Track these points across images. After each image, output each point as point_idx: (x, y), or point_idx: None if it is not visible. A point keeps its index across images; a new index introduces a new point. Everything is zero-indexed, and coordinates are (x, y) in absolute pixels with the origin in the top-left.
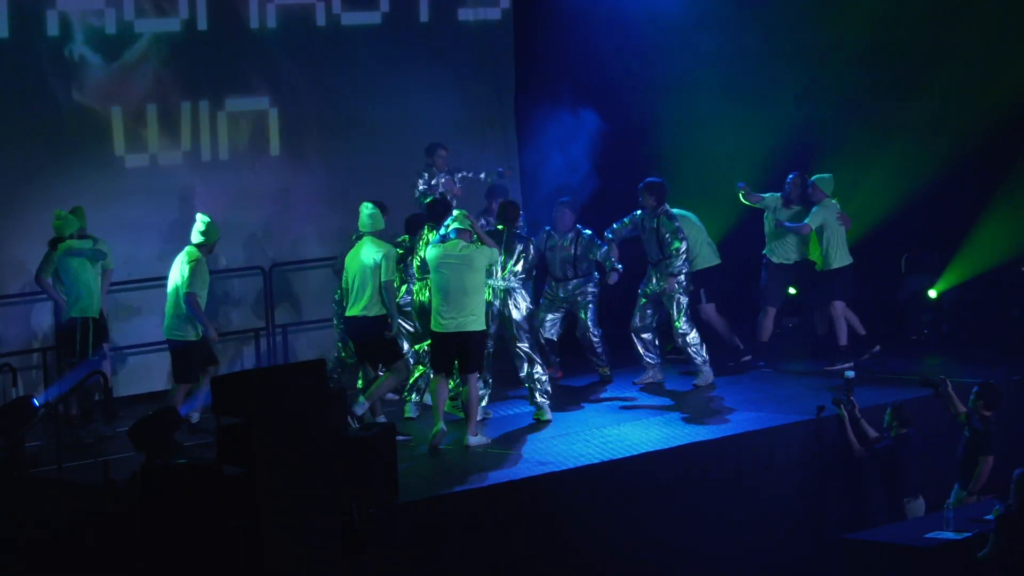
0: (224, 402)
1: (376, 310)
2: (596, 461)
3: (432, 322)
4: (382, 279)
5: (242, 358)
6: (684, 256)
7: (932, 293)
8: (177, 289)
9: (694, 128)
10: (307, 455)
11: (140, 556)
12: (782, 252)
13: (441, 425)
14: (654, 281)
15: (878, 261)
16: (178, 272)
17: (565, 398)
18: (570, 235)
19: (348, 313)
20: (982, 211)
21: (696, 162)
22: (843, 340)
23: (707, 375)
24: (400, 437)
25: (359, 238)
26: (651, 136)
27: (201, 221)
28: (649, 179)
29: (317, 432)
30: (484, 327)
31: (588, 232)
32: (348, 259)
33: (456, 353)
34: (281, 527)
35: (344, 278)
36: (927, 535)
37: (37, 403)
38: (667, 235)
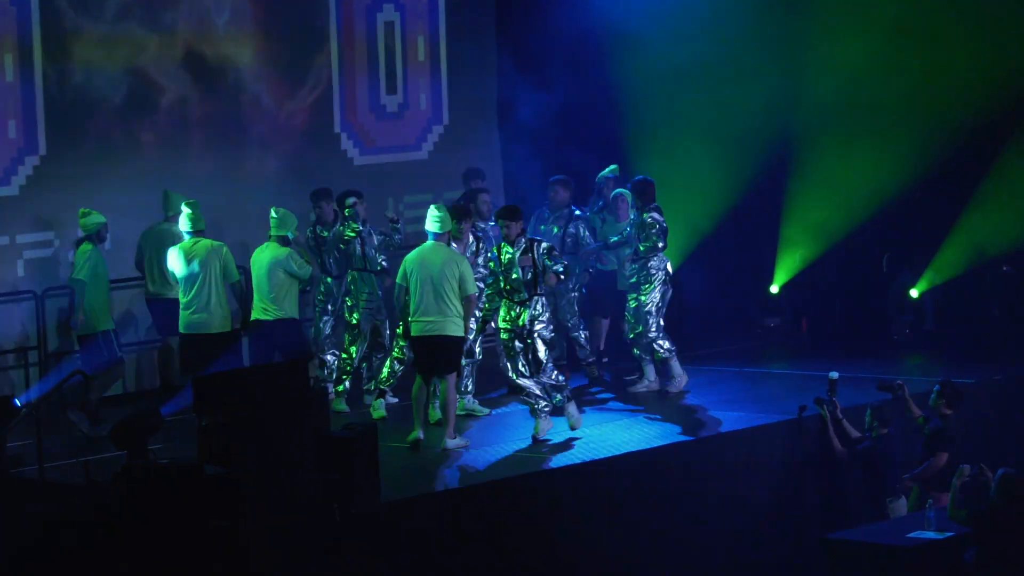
0: (205, 401)
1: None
2: (577, 461)
3: (412, 327)
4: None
5: None
6: None
7: (913, 293)
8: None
9: (676, 113)
10: (289, 455)
11: (122, 556)
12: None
13: (419, 433)
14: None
15: (860, 260)
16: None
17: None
18: (564, 212)
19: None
20: (963, 211)
21: (678, 151)
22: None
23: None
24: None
25: None
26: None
27: (274, 212)
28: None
29: (299, 432)
30: (461, 332)
31: (579, 213)
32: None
33: (431, 356)
34: (262, 527)
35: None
36: (909, 535)
37: (19, 403)
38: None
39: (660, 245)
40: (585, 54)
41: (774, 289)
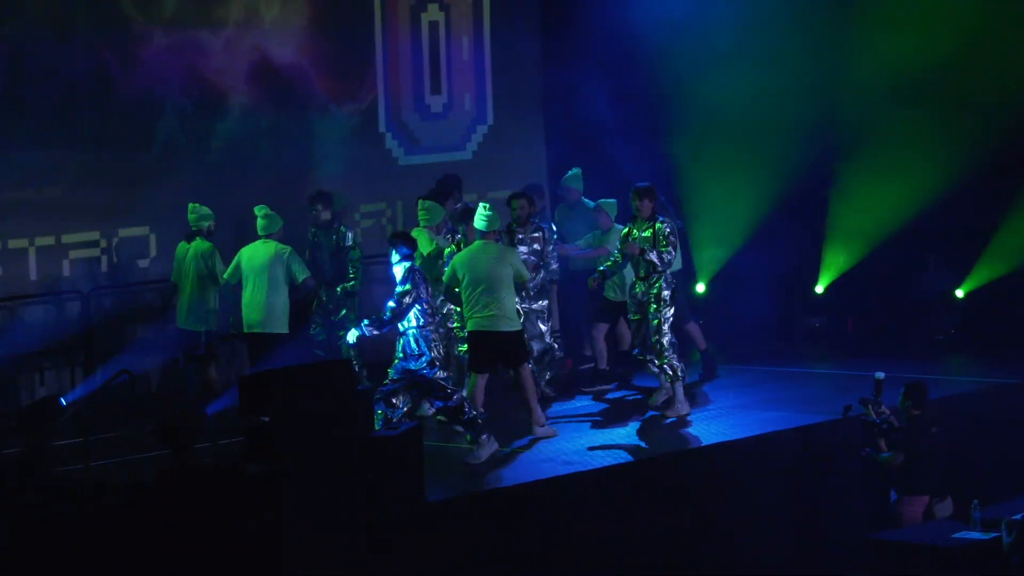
0: (250, 401)
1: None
2: (622, 461)
3: (468, 323)
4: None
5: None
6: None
7: (959, 293)
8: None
9: (721, 112)
10: (333, 455)
11: (165, 555)
12: None
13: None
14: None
15: (905, 260)
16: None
17: (591, 397)
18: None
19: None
20: (1010, 210)
21: (724, 150)
22: (603, 363)
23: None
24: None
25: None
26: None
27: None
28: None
29: (343, 432)
30: (517, 327)
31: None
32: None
33: (492, 352)
34: (306, 528)
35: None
36: (954, 535)
37: (64, 402)
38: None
39: (675, 258)
40: (630, 54)
41: (819, 289)
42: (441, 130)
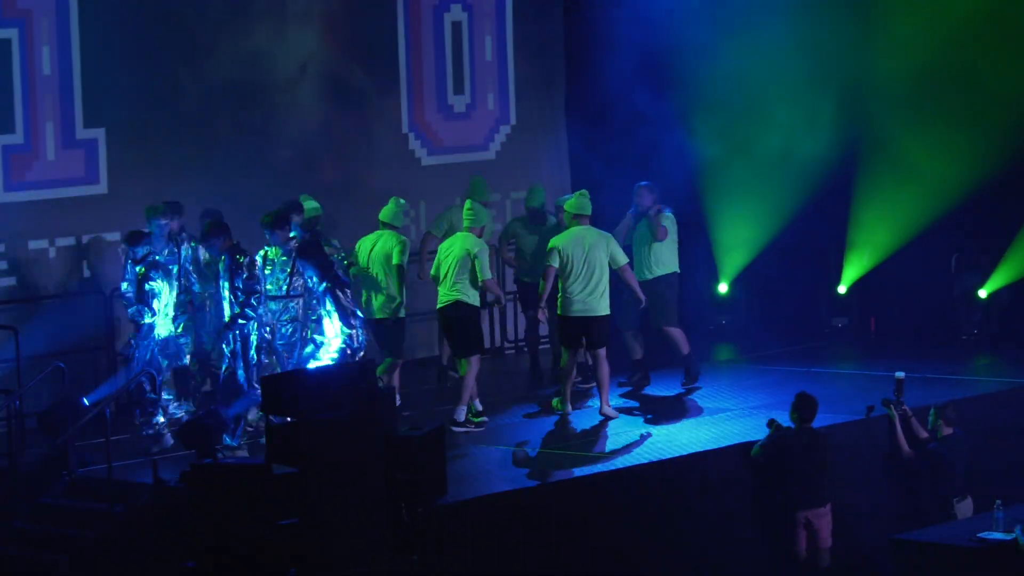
0: (274, 402)
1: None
2: (644, 461)
3: (561, 306)
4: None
5: None
6: None
7: (982, 293)
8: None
9: (745, 114)
10: (357, 455)
11: (189, 555)
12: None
13: (567, 407)
14: None
15: (928, 260)
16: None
17: (616, 396)
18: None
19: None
20: None
21: (747, 153)
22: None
23: None
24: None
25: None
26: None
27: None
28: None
29: (367, 432)
30: (607, 312)
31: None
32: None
33: (583, 333)
34: (330, 527)
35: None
36: (977, 535)
37: (87, 402)
38: None
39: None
40: (654, 52)
41: (842, 289)
42: (464, 130)
